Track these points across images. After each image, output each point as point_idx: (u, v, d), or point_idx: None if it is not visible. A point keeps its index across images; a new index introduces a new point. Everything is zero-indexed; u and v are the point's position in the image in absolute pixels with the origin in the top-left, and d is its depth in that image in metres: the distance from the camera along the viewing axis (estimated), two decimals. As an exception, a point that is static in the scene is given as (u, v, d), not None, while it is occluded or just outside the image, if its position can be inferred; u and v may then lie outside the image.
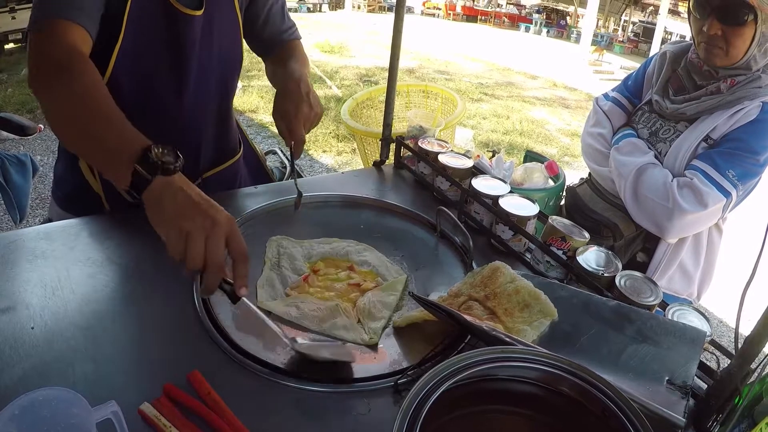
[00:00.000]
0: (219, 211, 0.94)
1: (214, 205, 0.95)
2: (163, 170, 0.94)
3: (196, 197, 0.94)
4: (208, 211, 0.93)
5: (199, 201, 0.94)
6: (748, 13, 1.55)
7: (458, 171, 1.58)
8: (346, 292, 1.22)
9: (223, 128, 1.59)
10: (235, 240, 0.95)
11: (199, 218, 0.91)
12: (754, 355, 0.87)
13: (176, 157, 0.96)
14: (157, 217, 0.93)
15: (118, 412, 0.75)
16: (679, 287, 1.87)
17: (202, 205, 0.93)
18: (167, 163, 0.94)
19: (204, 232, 0.90)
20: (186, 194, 0.94)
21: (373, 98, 4.39)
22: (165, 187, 0.93)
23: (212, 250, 0.91)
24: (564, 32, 28.26)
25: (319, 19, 20.05)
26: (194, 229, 0.90)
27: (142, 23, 1.24)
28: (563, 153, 7.36)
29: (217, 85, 1.48)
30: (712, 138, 1.68)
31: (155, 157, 0.93)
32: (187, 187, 0.95)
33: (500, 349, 0.78)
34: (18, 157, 2.81)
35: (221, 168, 1.60)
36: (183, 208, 0.92)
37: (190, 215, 0.91)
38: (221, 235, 0.92)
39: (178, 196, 0.93)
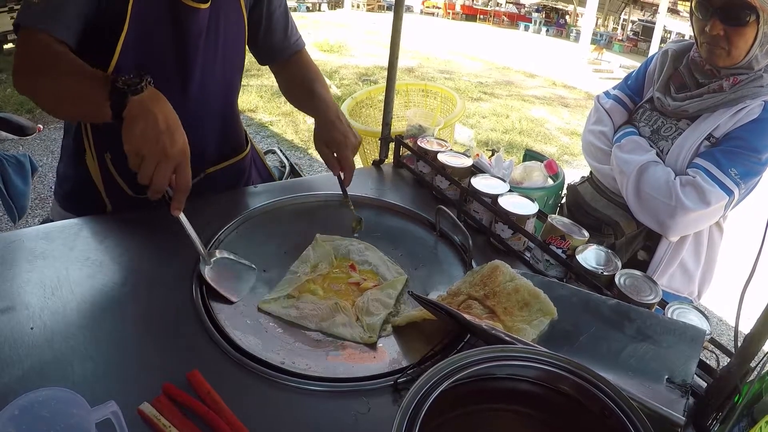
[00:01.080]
0: (174, 145, 1.05)
1: (174, 137, 1.05)
2: (132, 91, 1.04)
3: (162, 125, 1.04)
4: (165, 142, 1.04)
5: (163, 130, 1.04)
6: (750, 14, 1.55)
7: (457, 170, 1.58)
8: (346, 291, 1.23)
9: (228, 125, 1.60)
10: (180, 172, 1.08)
11: (156, 147, 1.03)
12: (754, 354, 0.87)
13: (141, 77, 1.06)
14: (127, 134, 1.03)
15: (117, 411, 0.75)
16: (680, 286, 1.87)
17: (163, 136, 1.04)
18: (133, 84, 1.04)
19: (155, 160, 1.03)
20: (155, 121, 1.04)
21: (373, 97, 4.38)
22: (138, 107, 1.04)
23: (158, 176, 1.05)
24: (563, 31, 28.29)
25: (318, 18, 20.04)
26: (149, 155, 1.03)
27: (146, 15, 1.25)
28: (562, 152, 7.36)
29: (221, 81, 1.48)
30: (714, 136, 1.68)
31: (122, 84, 1.04)
32: (158, 110, 1.05)
33: (500, 348, 0.78)
34: (17, 158, 2.81)
35: (225, 164, 1.60)
36: (147, 133, 1.03)
37: (149, 142, 1.03)
38: (170, 166, 1.05)
39: (149, 119, 1.04)
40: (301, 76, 1.65)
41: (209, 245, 1.27)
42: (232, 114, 1.61)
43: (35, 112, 6.08)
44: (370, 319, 1.13)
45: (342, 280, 1.26)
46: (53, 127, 5.58)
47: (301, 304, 1.15)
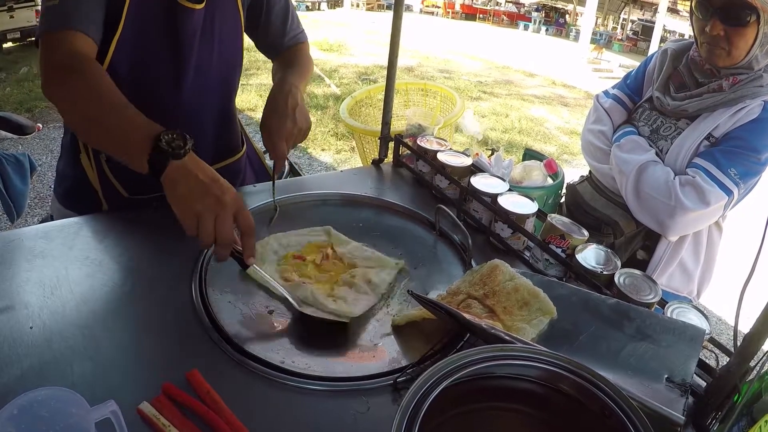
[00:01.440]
0: (226, 192, 1.03)
1: (223, 186, 1.04)
2: (173, 155, 1.02)
3: (206, 180, 1.03)
4: (216, 193, 1.01)
5: (209, 183, 1.02)
6: (750, 14, 1.55)
7: (457, 169, 1.58)
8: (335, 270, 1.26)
9: (224, 126, 1.59)
10: (242, 216, 1.05)
11: (209, 200, 1.01)
12: (753, 353, 0.87)
13: (185, 140, 1.04)
14: (173, 199, 1.02)
15: (116, 411, 0.75)
16: (679, 285, 1.87)
17: (212, 187, 1.02)
18: (177, 148, 1.02)
19: (213, 213, 1.01)
20: (197, 178, 1.02)
21: (372, 96, 4.38)
22: (178, 171, 1.02)
23: (221, 228, 1.01)
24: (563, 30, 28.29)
25: (318, 17, 20.04)
26: (204, 210, 1.00)
27: (141, 15, 1.25)
28: (562, 151, 7.36)
29: (217, 82, 1.48)
30: (713, 136, 1.68)
31: (165, 145, 1.01)
32: (198, 169, 1.04)
33: (499, 347, 0.78)
34: (16, 157, 2.81)
35: (221, 165, 1.59)
36: (194, 190, 1.01)
37: (200, 197, 1.01)
38: (229, 214, 1.02)
39: (190, 179, 1.02)
40: (286, 62, 1.62)
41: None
42: (228, 114, 1.60)
43: (34, 111, 6.08)
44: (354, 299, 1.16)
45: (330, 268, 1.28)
46: (52, 126, 5.58)
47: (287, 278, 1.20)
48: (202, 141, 1.51)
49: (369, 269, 1.25)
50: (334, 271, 1.27)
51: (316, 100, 7.74)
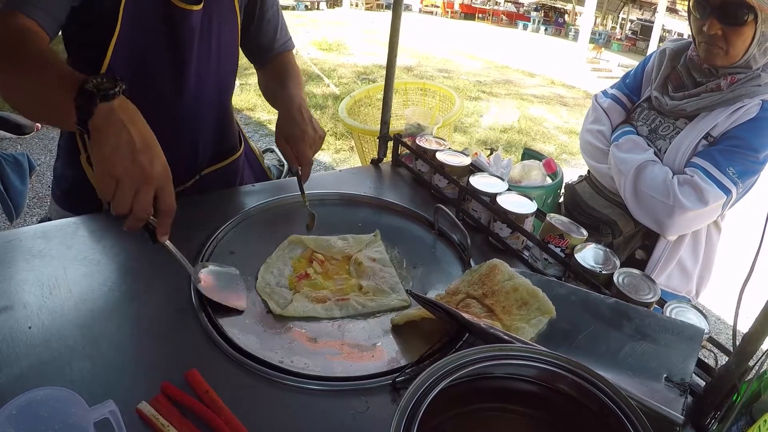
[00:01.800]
0: (154, 165, 0.92)
1: (152, 156, 0.92)
2: (101, 97, 0.90)
3: (138, 141, 0.91)
4: (144, 162, 0.90)
5: (140, 148, 0.91)
6: (747, 13, 1.56)
7: (456, 169, 1.58)
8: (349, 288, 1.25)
9: (223, 126, 1.59)
10: (164, 195, 0.95)
11: (133, 169, 0.90)
12: (752, 353, 0.87)
13: (115, 82, 0.93)
14: (96, 155, 0.90)
15: (115, 411, 0.75)
16: (678, 284, 1.87)
17: (140, 155, 0.90)
18: (105, 89, 0.91)
19: (134, 184, 0.90)
20: (129, 135, 0.90)
21: (371, 96, 4.38)
22: (108, 117, 0.90)
23: (138, 204, 0.91)
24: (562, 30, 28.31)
25: (317, 16, 20.02)
26: (125, 180, 0.89)
27: (138, 18, 1.23)
28: (561, 150, 7.36)
29: (215, 82, 1.48)
30: (712, 135, 1.68)
31: (92, 87, 0.90)
32: (131, 122, 0.92)
33: (498, 347, 0.78)
34: (15, 156, 2.81)
35: (220, 165, 1.60)
36: (120, 152, 0.89)
37: (123, 164, 0.89)
38: (150, 192, 0.92)
39: (121, 135, 0.90)
40: (279, 75, 1.62)
41: (207, 244, 1.27)
42: (226, 114, 1.61)
43: None
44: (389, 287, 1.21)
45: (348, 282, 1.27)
46: (51, 126, 5.57)
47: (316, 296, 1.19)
48: (202, 141, 1.52)
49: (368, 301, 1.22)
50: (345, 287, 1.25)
51: (315, 100, 7.74)
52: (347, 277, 1.27)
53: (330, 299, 1.18)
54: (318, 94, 8.07)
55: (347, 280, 1.26)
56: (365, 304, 1.18)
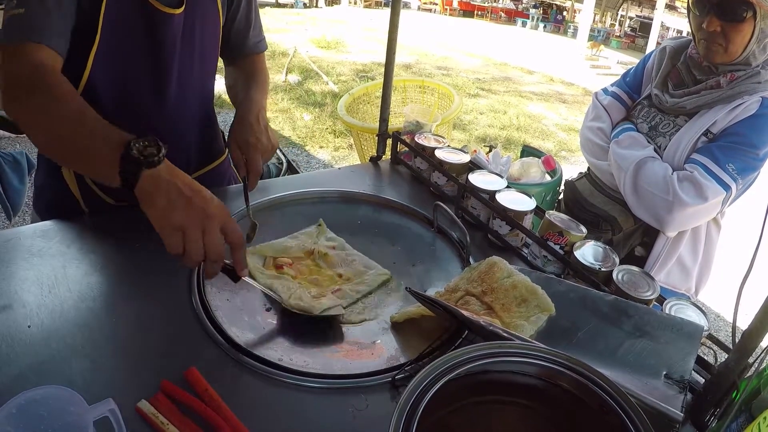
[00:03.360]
0: (211, 203, 0.95)
1: (206, 196, 0.95)
2: (147, 164, 0.92)
3: (187, 190, 0.94)
4: (200, 204, 0.93)
5: (190, 194, 0.93)
6: (747, 10, 1.56)
7: (455, 166, 1.58)
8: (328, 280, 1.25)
9: (207, 131, 1.56)
10: (230, 229, 0.97)
11: (193, 212, 0.92)
12: (752, 350, 0.87)
13: (158, 147, 0.95)
14: (152, 213, 0.92)
15: (115, 409, 0.75)
16: (677, 282, 1.87)
17: (194, 198, 0.93)
18: (150, 155, 0.93)
19: (200, 227, 0.91)
20: (177, 188, 0.93)
21: (370, 94, 4.38)
22: (154, 181, 0.93)
23: (210, 243, 0.93)
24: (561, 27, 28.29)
25: (315, 14, 19.98)
26: (189, 225, 0.91)
27: (118, 24, 1.20)
28: (560, 148, 7.37)
29: (198, 86, 1.45)
30: (711, 132, 1.68)
31: (137, 153, 0.92)
32: (176, 178, 0.95)
33: (498, 344, 0.78)
34: (14, 156, 2.80)
35: (205, 170, 1.57)
36: (175, 202, 0.92)
37: (183, 210, 0.91)
38: (216, 227, 0.93)
39: (170, 190, 0.92)
40: (246, 76, 1.58)
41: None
42: (210, 118, 1.58)
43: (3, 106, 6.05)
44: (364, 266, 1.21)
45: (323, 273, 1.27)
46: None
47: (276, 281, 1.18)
48: (186, 147, 1.49)
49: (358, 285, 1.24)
50: (321, 279, 1.25)
51: (313, 98, 7.73)
52: (320, 270, 1.27)
53: (325, 295, 1.18)
54: (317, 92, 8.06)
55: (323, 272, 1.26)
56: (358, 289, 1.20)
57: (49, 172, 1.40)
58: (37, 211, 1.47)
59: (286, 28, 14.06)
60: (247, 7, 1.53)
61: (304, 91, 7.96)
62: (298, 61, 9.43)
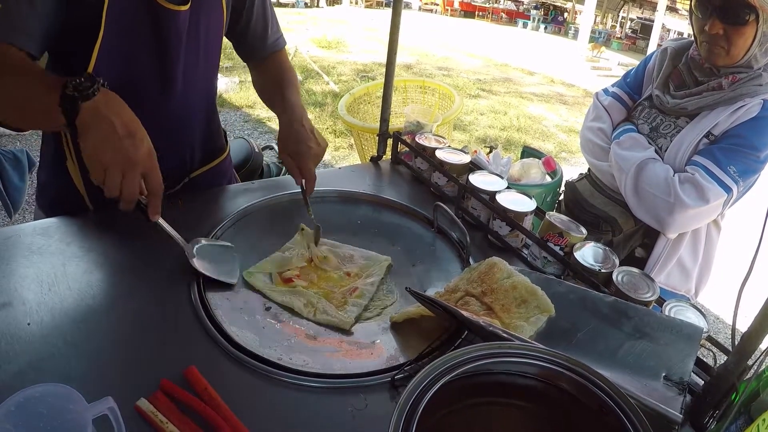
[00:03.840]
0: (139, 148, 0.99)
1: (136, 141, 0.99)
2: (83, 98, 0.97)
3: (121, 129, 0.98)
4: (128, 149, 0.98)
5: (122, 134, 0.98)
6: (749, 13, 1.56)
7: (455, 167, 1.58)
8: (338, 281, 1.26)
9: (211, 126, 1.57)
10: (151, 176, 1.04)
11: (119, 155, 0.98)
12: (751, 352, 0.87)
13: (93, 80, 0.99)
14: (83, 145, 0.98)
15: (114, 408, 0.75)
16: (677, 283, 1.87)
17: (124, 141, 0.98)
18: (84, 89, 0.97)
19: (121, 169, 0.98)
20: (111, 125, 0.97)
21: (371, 94, 4.38)
22: (91, 114, 0.97)
23: (127, 185, 1.00)
24: (562, 28, 28.30)
25: (316, 14, 20.00)
26: (112, 164, 0.97)
27: (123, 21, 1.20)
28: (561, 149, 7.37)
29: (203, 83, 1.46)
30: (713, 134, 1.69)
31: (72, 90, 0.96)
32: (113, 113, 0.99)
33: (497, 344, 0.78)
34: (14, 153, 2.80)
35: (210, 166, 1.58)
36: (106, 141, 0.97)
37: (111, 151, 0.97)
38: (136, 174, 1.00)
39: (104, 126, 0.97)
40: (275, 78, 1.60)
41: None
42: (213, 115, 1.58)
43: (32, 107, 6.04)
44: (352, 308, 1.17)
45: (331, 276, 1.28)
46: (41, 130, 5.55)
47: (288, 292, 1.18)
48: (190, 144, 1.49)
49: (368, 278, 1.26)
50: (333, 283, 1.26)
51: (314, 97, 7.73)
52: (328, 274, 1.28)
53: (346, 299, 1.19)
54: (317, 92, 8.07)
55: (331, 275, 1.27)
56: (371, 281, 1.24)
57: (54, 168, 1.40)
58: (41, 207, 1.47)
59: (288, 27, 14.05)
60: (262, 7, 1.54)
61: (304, 90, 7.96)
62: (299, 60, 9.43)
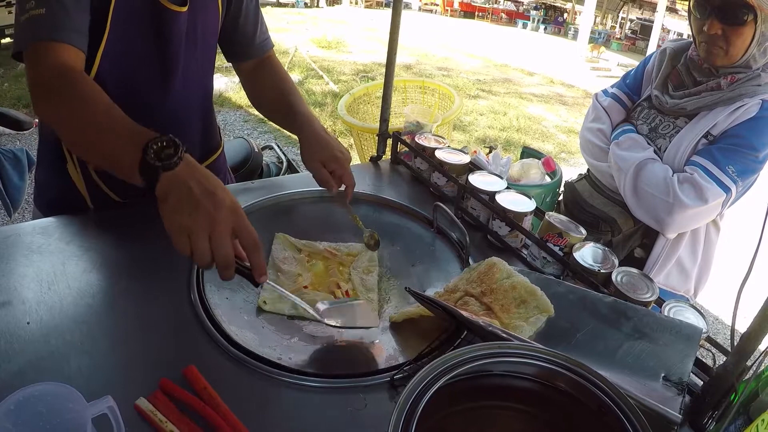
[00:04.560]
0: (221, 207, 0.91)
1: (217, 200, 0.91)
2: (164, 167, 0.91)
3: (198, 191, 0.90)
4: (208, 207, 0.90)
5: (200, 197, 0.90)
6: (747, 13, 1.56)
7: (455, 167, 1.58)
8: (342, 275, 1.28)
9: (207, 124, 1.57)
10: (243, 231, 0.93)
11: (200, 216, 0.89)
12: (750, 352, 0.87)
13: (176, 147, 0.93)
14: (162, 212, 0.91)
15: (113, 407, 0.75)
16: (677, 283, 1.87)
17: (203, 201, 0.90)
18: (166, 158, 0.92)
19: (206, 230, 0.89)
20: (188, 188, 0.91)
21: (370, 94, 4.38)
22: (171, 182, 0.91)
23: (218, 246, 0.89)
24: (561, 29, 28.32)
25: (316, 14, 20.00)
26: (195, 228, 0.88)
27: (127, 21, 1.21)
28: (560, 149, 7.37)
29: (200, 83, 1.47)
30: (712, 134, 1.69)
31: (154, 157, 0.91)
32: (192, 179, 0.92)
33: (497, 344, 0.78)
34: (14, 152, 2.80)
35: (206, 163, 1.58)
36: (183, 204, 0.90)
37: (189, 214, 0.89)
38: (225, 231, 0.90)
39: (182, 190, 0.90)
40: (274, 87, 1.58)
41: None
42: (209, 113, 1.58)
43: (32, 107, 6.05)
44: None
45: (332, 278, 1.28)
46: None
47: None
48: (188, 141, 1.45)
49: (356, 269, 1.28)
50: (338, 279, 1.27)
51: (314, 97, 7.73)
52: (327, 275, 1.29)
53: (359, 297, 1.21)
54: (317, 92, 8.07)
55: (331, 276, 1.28)
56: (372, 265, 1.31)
57: (53, 168, 1.39)
58: (39, 207, 1.46)
59: (287, 27, 14.07)
60: (255, 7, 1.54)
61: (304, 90, 7.96)
62: (299, 60, 9.42)
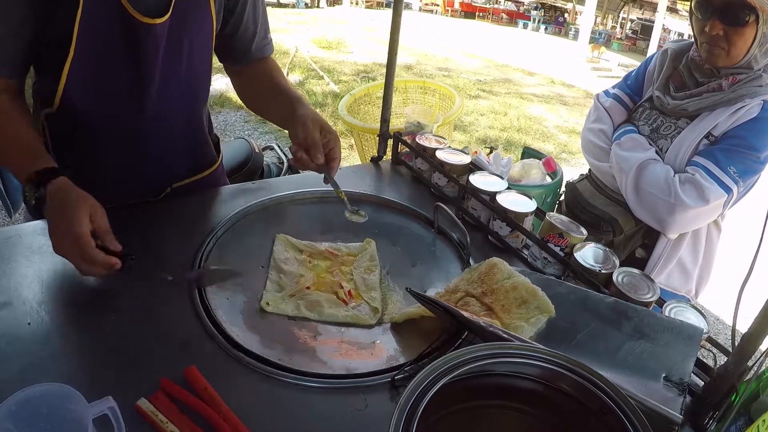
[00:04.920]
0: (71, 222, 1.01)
1: (65, 216, 1.02)
2: (31, 204, 1.07)
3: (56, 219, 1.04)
4: (63, 230, 1.02)
5: (56, 224, 1.03)
6: (749, 14, 1.56)
7: (456, 167, 1.58)
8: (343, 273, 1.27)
9: (196, 138, 1.51)
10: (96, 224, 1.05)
11: (63, 242, 1.02)
12: (751, 353, 0.87)
13: (36, 187, 1.05)
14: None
15: (114, 407, 0.75)
16: (678, 284, 1.87)
17: (60, 226, 1.02)
18: (28, 197, 1.06)
19: (74, 253, 1.02)
20: (53, 222, 1.04)
21: (371, 94, 4.39)
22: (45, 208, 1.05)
23: (87, 257, 1.01)
24: (562, 29, 28.31)
25: (317, 14, 20.00)
26: (66, 254, 1.03)
27: (94, 38, 1.16)
28: (561, 150, 7.36)
29: (185, 93, 1.39)
30: (713, 135, 1.69)
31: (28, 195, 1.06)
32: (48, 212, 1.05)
33: (497, 345, 0.78)
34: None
35: (197, 178, 1.53)
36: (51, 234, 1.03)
37: (58, 245, 1.03)
38: (84, 242, 1.00)
39: (51, 225, 1.04)
40: (268, 75, 1.52)
41: (206, 240, 1.27)
42: (198, 124, 1.51)
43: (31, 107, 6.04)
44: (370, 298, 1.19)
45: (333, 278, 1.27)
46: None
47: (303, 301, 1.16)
48: (171, 156, 1.44)
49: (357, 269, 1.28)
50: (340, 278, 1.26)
51: (314, 98, 7.73)
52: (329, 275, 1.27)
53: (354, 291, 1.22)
54: (318, 92, 8.06)
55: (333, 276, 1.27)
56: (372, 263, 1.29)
57: None
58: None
59: (288, 28, 14.06)
60: (253, 13, 1.45)
61: (305, 91, 7.96)
62: (299, 61, 9.42)
